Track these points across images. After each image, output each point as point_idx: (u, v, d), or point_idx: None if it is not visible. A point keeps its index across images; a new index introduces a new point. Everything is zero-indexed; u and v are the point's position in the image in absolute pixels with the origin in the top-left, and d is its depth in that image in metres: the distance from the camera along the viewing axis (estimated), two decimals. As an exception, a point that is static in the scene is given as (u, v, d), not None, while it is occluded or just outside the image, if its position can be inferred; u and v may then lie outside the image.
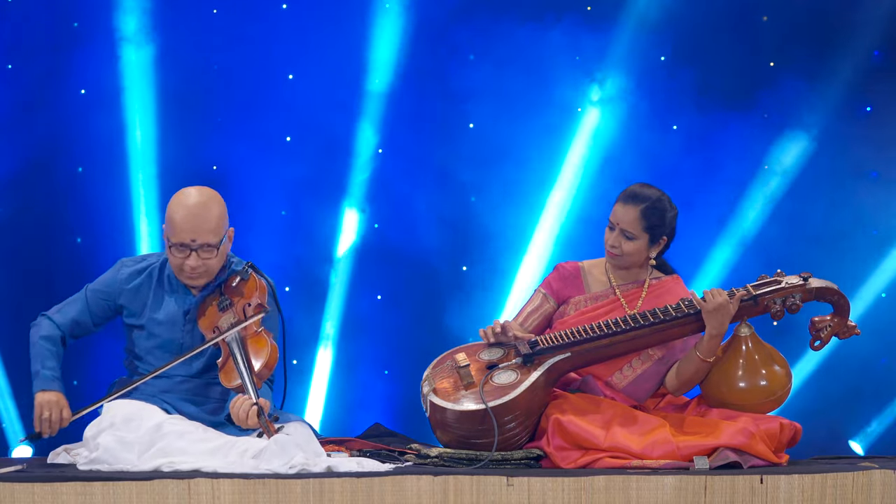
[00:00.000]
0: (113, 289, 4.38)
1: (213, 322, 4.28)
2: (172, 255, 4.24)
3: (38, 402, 4.27)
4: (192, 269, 4.24)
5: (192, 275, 4.26)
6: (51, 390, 4.28)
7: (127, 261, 4.45)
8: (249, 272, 4.33)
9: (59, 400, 4.28)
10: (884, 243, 6.08)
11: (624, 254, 4.53)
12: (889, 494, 3.82)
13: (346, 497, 3.71)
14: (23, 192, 5.90)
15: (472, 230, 6.12)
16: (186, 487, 3.67)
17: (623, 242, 4.52)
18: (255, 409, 4.04)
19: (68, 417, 4.26)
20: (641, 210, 4.49)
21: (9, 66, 5.91)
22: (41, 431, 4.26)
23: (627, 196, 4.53)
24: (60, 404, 4.27)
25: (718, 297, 4.36)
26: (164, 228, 4.27)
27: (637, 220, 4.50)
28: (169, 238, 4.23)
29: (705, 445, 4.15)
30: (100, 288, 4.40)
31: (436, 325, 6.06)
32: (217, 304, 4.31)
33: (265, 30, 6.03)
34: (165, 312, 4.33)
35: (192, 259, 4.22)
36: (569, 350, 4.38)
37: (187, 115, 5.98)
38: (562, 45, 6.08)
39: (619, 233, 4.51)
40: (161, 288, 4.37)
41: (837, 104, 6.07)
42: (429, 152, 6.09)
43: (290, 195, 6.04)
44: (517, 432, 4.28)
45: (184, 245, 4.21)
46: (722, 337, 4.41)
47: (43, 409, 4.25)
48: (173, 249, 4.23)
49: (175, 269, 4.29)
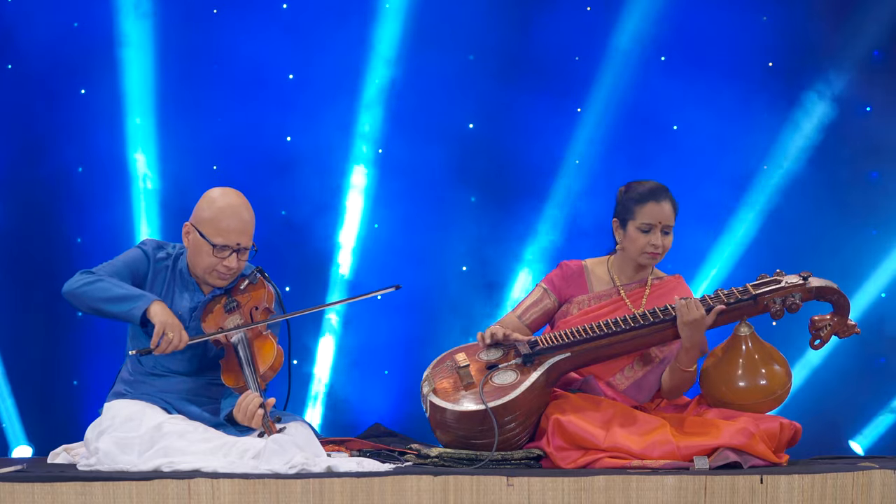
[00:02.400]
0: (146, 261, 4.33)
1: (217, 322, 4.29)
2: (209, 255, 4.25)
3: (159, 320, 4.11)
4: (228, 270, 4.27)
5: (226, 276, 4.29)
6: (159, 302, 4.16)
7: (149, 241, 4.44)
8: (258, 277, 4.35)
9: (177, 322, 4.16)
10: (884, 243, 6.08)
11: (664, 250, 4.54)
12: (889, 494, 3.82)
13: (346, 497, 3.71)
14: (23, 192, 5.90)
15: (472, 230, 6.12)
16: (186, 487, 3.67)
17: (664, 239, 4.53)
18: (260, 410, 4.05)
19: (186, 340, 4.16)
20: (671, 201, 4.53)
21: (9, 66, 5.91)
22: (156, 348, 4.12)
23: (654, 192, 4.52)
24: (180, 326, 4.15)
25: (694, 312, 4.34)
26: (204, 230, 4.24)
27: (673, 212, 4.53)
28: (209, 238, 4.23)
29: (705, 445, 4.15)
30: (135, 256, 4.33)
31: (436, 326, 6.06)
32: (224, 305, 4.32)
33: (265, 30, 6.03)
34: (172, 306, 4.33)
35: (233, 260, 4.26)
36: (569, 350, 4.38)
37: (187, 114, 5.98)
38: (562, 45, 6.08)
39: (661, 231, 4.51)
40: (174, 282, 4.38)
41: (837, 104, 6.07)
42: (429, 152, 6.09)
43: (290, 195, 6.04)
44: (517, 432, 4.28)
45: (226, 247, 4.24)
46: (698, 348, 4.41)
47: (166, 328, 4.11)
48: (214, 251, 4.24)
49: (205, 269, 4.29)
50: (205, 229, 4.25)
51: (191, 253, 4.31)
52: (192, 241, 4.30)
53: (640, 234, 4.52)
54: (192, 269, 4.36)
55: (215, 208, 4.26)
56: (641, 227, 4.51)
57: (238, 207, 4.27)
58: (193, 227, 4.28)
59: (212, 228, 4.24)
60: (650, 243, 4.51)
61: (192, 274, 4.36)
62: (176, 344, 4.13)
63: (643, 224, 4.51)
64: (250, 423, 4.08)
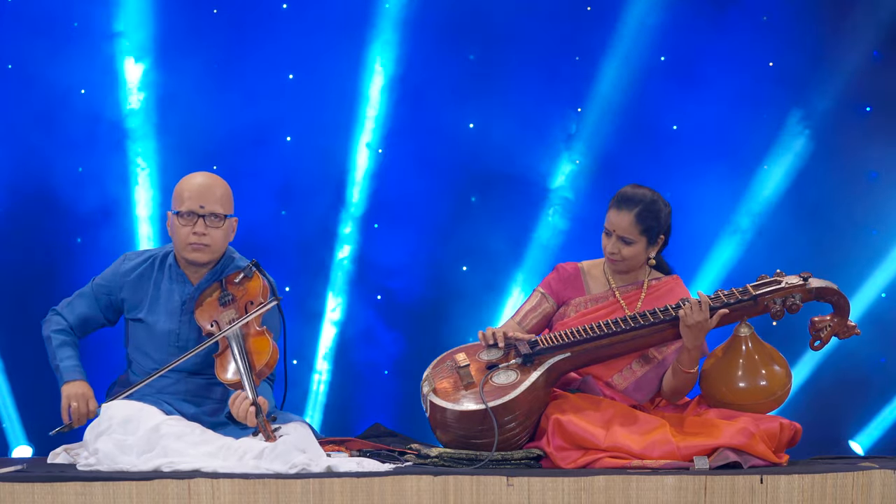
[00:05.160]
0: (115, 282, 4.44)
1: (211, 315, 4.30)
2: (179, 226, 4.31)
3: (65, 395, 4.33)
4: (198, 238, 4.30)
5: (197, 244, 4.31)
6: (74, 381, 4.35)
7: (130, 254, 4.53)
8: (254, 271, 4.36)
9: (86, 391, 4.34)
10: (884, 243, 6.08)
11: (624, 258, 4.52)
12: (889, 494, 3.82)
13: (346, 497, 3.71)
14: (23, 192, 5.90)
15: (472, 230, 6.11)
16: (186, 487, 3.67)
17: (622, 248, 4.50)
18: (252, 409, 4.06)
19: (94, 408, 4.30)
20: (636, 214, 4.48)
21: (9, 66, 5.91)
22: (70, 423, 4.32)
23: (620, 201, 4.51)
24: (87, 395, 4.34)
25: (698, 315, 4.34)
26: (173, 206, 4.34)
27: (633, 225, 4.49)
28: (177, 210, 4.31)
29: (705, 445, 4.15)
30: (103, 283, 4.47)
31: (436, 326, 6.06)
32: (218, 299, 4.34)
33: (265, 30, 6.03)
34: (164, 302, 4.37)
35: (200, 225, 4.29)
36: (569, 350, 4.39)
37: (187, 115, 5.97)
38: (562, 45, 6.08)
39: (617, 239, 4.50)
40: (161, 277, 4.41)
41: (837, 104, 6.07)
42: (429, 152, 6.09)
43: (290, 195, 6.04)
44: (517, 432, 4.28)
45: (192, 213, 4.30)
46: (699, 350, 4.40)
47: (70, 400, 4.32)
48: (181, 219, 4.30)
49: (180, 244, 4.33)
50: (174, 205, 4.35)
51: (172, 239, 4.38)
52: (170, 227, 4.38)
53: (604, 236, 4.54)
54: (177, 258, 4.41)
55: (180, 183, 4.38)
56: (605, 229, 4.52)
57: (196, 176, 4.37)
58: (169, 213, 4.37)
59: (178, 200, 4.34)
60: (607, 247, 4.52)
61: (182, 265, 4.40)
62: (84, 412, 4.30)
63: (605, 227, 4.52)
64: (245, 421, 4.09)
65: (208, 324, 4.30)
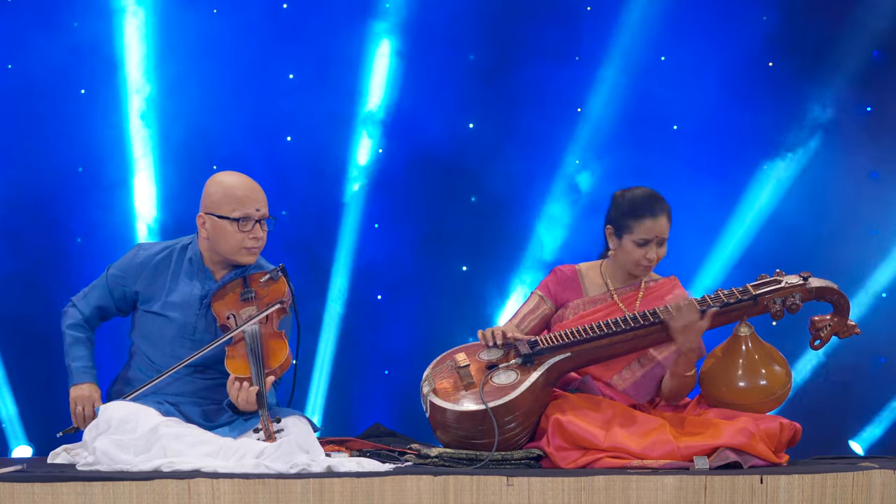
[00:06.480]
0: (129, 273, 4.42)
1: (230, 308, 4.30)
2: (235, 233, 4.29)
3: (72, 397, 4.36)
4: (257, 242, 4.33)
5: (255, 248, 4.34)
6: (83, 383, 4.37)
7: (144, 244, 4.51)
8: (280, 275, 4.36)
9: (91, 394, 4.36)
10: (884, 243, 6.08)
11: (658, 260, 4.53)
12: (889, 494, 3.82)
13: (346, 497, 3.71)
14: (23, 192, 5.90)
15: (472, 230, 6.11)
16: (186, 487, 3.67)
17: (658, 251, 4.51)
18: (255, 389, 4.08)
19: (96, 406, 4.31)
20: (667, 211, 4.50)
21: (9, 66, 5.91)
22: (77, 426, 4.34)
23: (651, 207, 4.46)
24: (92, 398, 4.35)
25: (687, 316, 4.33)
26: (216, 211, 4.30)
27: (668, 223, 4.51)
28: (229, 216, 4.28)
29: (705, 445, 4.15)
30: (117, 273, 4.44)
31: (436, 326, 6.06)
32: (240, 294, 4.33)
33: (265, 30, 6.03)
34: (182, 294, 4.35)
35: (258, 230, 4.32)
36: (569, 350, 4.39)
37: (187, 115, 5.98)
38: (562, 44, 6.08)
39: (657, 244, 4.49)
40: (180, 270, 4.38)
41: (837, 104, 6.07)
42: (429, 152, 6.09)
43: (291, 195, 6.04)
44: (517, 432, 4.28)
45: (248, 218, 4.29)
46: (695, 352, 4.39)
47: (76, 403, 4.35)
48: (239, 225, 4.29)
49: (233, 250, 4.32)
50: (222, 210, 4.29)
51: (213, 241, 4.33)
52: (210, 229, 4.32)
53: (635, 247, 4.50)
54: (210, 257, 4.37)
55: (225, 186, 4.32)
56: (638, 241, 4.49)
57: (245, 179, 4.36)
58: (208, 215, 4.31)
59: (228, 206, 4.29)
60: (645, 256, 4.50)
61: (209, 262, 4.37)
62: (88, 415, 4.32)
63: (640, 239, 4.49)
64: (246, 405, 4.10)
65: (224, 316, 4.29)
